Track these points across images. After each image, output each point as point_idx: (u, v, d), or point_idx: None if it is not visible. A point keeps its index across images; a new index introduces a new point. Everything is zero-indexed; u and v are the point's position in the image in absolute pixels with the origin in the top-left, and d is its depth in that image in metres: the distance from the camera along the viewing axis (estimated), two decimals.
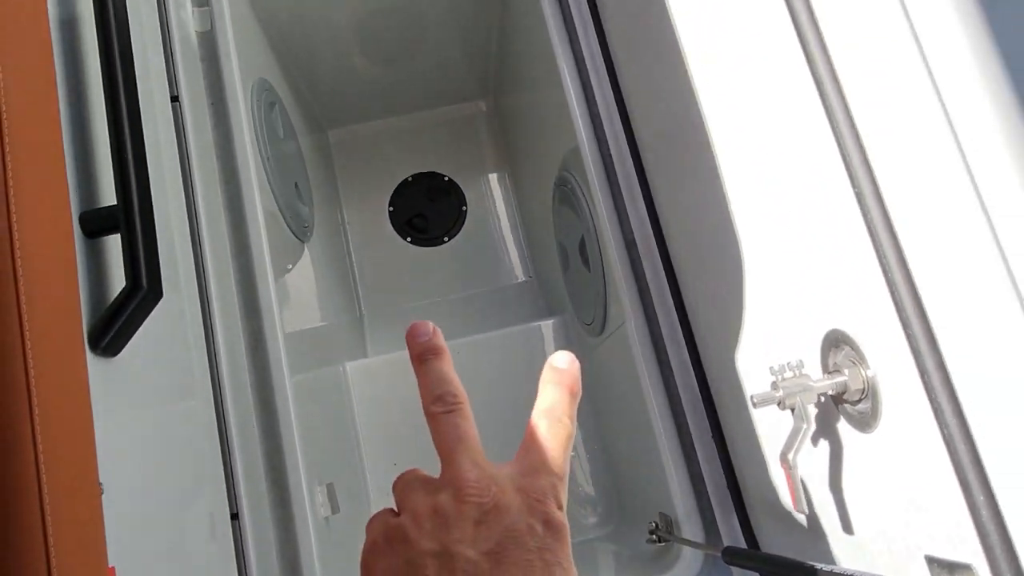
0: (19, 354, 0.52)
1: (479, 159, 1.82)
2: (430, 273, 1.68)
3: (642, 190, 1.08)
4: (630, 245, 1.10)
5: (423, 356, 0.37)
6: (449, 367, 0.37)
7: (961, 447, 0.44)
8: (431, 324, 0.38)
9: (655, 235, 1.05)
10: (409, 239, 1.72)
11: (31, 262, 0.55)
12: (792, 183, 0.58)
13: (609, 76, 1.11)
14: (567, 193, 1.27)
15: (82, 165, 0.75)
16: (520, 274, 1.75)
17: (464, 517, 0.33)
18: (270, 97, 1.32)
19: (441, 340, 0.38)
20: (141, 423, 0.79)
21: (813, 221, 0.56)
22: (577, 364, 0.40)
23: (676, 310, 1.01)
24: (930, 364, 0.44)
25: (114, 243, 0.79)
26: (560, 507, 0.36)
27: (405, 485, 0.36)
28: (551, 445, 0.37)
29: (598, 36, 1.12)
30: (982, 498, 0.43)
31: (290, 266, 1.31)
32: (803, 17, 0.50)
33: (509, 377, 1.49)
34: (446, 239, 1.71)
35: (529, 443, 0.37)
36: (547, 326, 1.51)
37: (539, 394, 0.38)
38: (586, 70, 1.15)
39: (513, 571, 0.32)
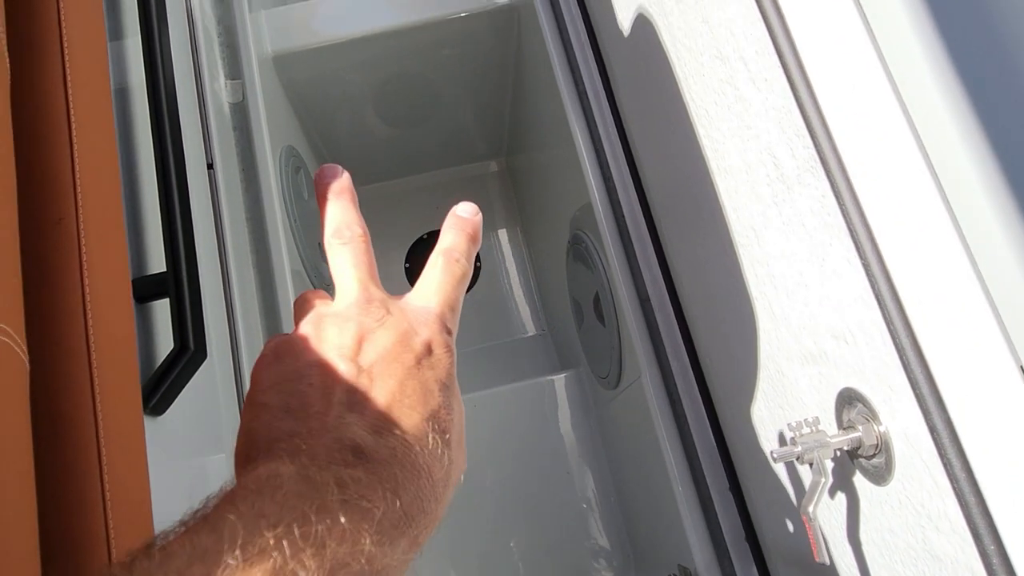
0: (91, 421, 0.56)
1: (492, 216, 1.88)
2: None
3: (654, 247, 1.13)
4: (644, 301, 1.14)
5: (327, 194, 0.39)
6: (352, 205, 0.39)
7: (971, 499, 0.47)
8: (339, 167, 0.40)
9: (668, 291, 1.09)
10: None
11: (100, 334, 0.60)
12: (800, 248, 0.63)
13: (620, 137, 1.17)
14: (581, 251, 1.32)
15: (132, 234, 0.81)
16: (533, 328, 1.79)
17: (348, 332, 0.34)
18: (296, 162, 1.38)
19: (348, 182, 0.40)
20: (178, 478, 0.82)
21: (822, 286, 0.60)
22: (480, 216, 0.41)
23: (691, 365, 1.04)
24: (938, 422, 0.48)
25: (159, 306, 0.83)
26: (448, 332, 0.37)
27: (301, 303, 0.38)
28: (444, 279, 0.38)
29: (609, 101, 1.18)
30: (992, 547, 0.46)
31: None
32: (806, 100, 0.55)
33: (523, 430, 1.52)
34: None
35: (424, 277, 0.39)
36: (560, 380, 1.54)
37: (440, 237, 0.40)
38: (598, 132, 1.21)
39: (391, 385, 0.33)
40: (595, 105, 1.21)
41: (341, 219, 0.38)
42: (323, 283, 1.44)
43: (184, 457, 0.87)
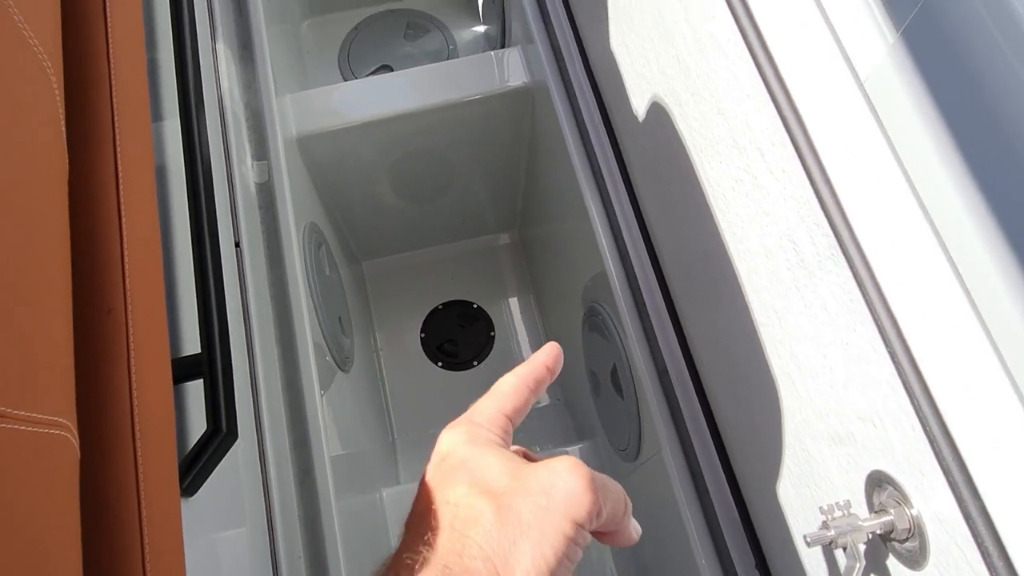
0: (134, 504, 0.57)
1: (506, 287, 1.91)
2: (461, 397, 1.72)
3: (671, 317, 1.15)
4: (662, 374, 1.15)
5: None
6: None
7: None
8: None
9: (687, 365, 1.10)
10: (440, 364, 1.78)
11: (144, 419, 0.62)
12: (824, 331, 0.64)
13: (635, 213, 1.21)
14: (597, 323, 1.34)
15: (168, 313, 0.83)
16: (547, 397, 1.79)
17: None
18: (318, 238, 1.42)
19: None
20: (204, 554, 0.83)
21: (847, 369, 0.62)
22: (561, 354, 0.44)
23: (712, 439, 1.05)
24: (972, 509, 0.48)
25: (191, 387, 0.85)
26: (484, 416, 0.39)
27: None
28: (499, 386, 0.41)
29: (623, 178, 1.22)
30: None
31: (334, 396, 1.37)
32: (825, 193, 0.58)
33: None
34: (476, 363, 1.77)
35: None
36: (576, 451, 1.53)
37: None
38: (612, 207, 1.25)
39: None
40: (609, 182, 1.25)
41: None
42: (342, 355, 1.46)
43: (211, 532, 0.87)
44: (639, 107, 1.03)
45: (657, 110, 0.93)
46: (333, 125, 1.43)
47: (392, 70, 1.79)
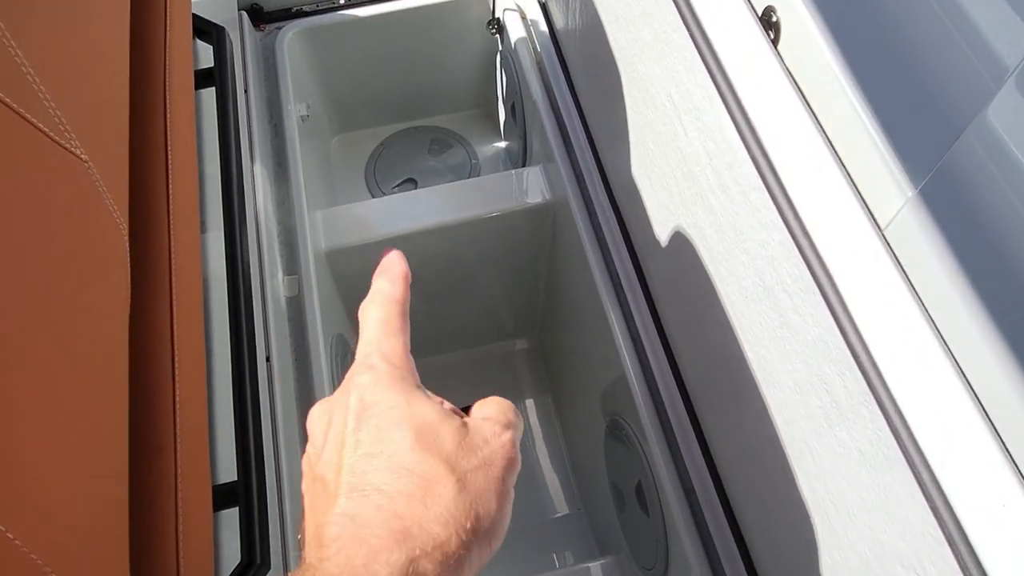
0: None
1: (523, 389, 1.92)
2: None
3: (694, 431, 1.15)
4: (689, 492, 1.14)
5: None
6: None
7: None
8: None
9: (715, 486, 1.10)
10: None
11: (187, 552, 0.62)
12: (861, 472, 0.65)
13: (658, 331, 1.23)
14: (620, 436, 1.34)
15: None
16: (566, 506, 1.76)
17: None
18: (344, 349, 1.45)
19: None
20: None
21: (886, 511, 0.62)
22: (395, 253, 0.45)
23: (743, 561, 1.03)
24: None
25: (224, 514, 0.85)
26: (379, 355, 0.40)
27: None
28: (363, 327, 0.42)
29: (644, 294, 1.25)
30: None
31: None
32: (856, 345, 0.60)
33: None
34: None
35: None
36: (598, 567, 1.50)
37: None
38: (635, 324, 1.27)
39: None
40: (631, 297, 1.28)
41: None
42: None
43: None
44: (661, 233, 1.07)
45: (681, 240, 0.97)
46: (361, 240, 1.49)
47: (417, 183, 1.87)
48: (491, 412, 0.41)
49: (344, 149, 1.93)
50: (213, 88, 1.09)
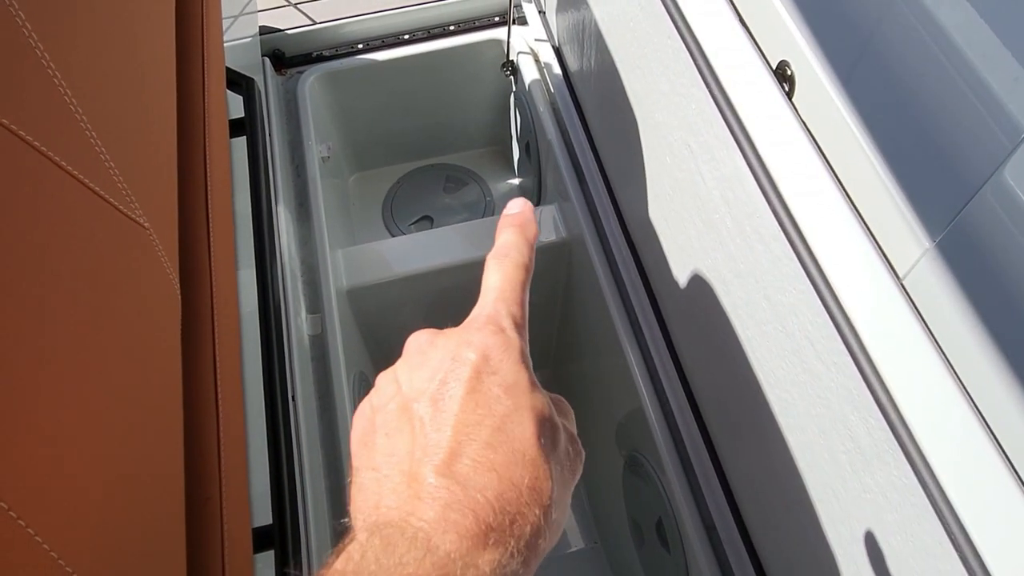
0: None
1: None
2: None
3: (714, 468, 1.16)
4: (710, 530, 1.15)
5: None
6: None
7: None
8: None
9: (734, 517, 1.11)
10: None
11: None
12: (888, 519, 0.67)
13: (674, 362, 1.25)
14: (639, 471, 1.35)
15: None
16: (582, 540, 1.77)
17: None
18: (367, 386, 1.47)
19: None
20: None
21: (914, 559, 0.64)
22: (529, 206, 0.40)
23: None
24: None
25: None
26: (500, 330, 0.35)
27: None
28: (492, 277, 0.37)
29: (661, 331, 1.27)
30: None
31: None
32: (880, 394, 0.62)
33: None
34: None
35: (482, 287, 0.37)
36: None
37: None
38: (652, 360, 1.29)
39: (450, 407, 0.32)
40: (647, 332, 1.30)
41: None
42: None
43: None
44: (679, 274, 1.10)
45: (700, 283, 0.99)
46: (381, 278, 1.52)
47: (433, 220, 1.90)
48: (572, 425, 0.38)
49: (361, 187, 1.97)
50: (243, 136, 1.13)
